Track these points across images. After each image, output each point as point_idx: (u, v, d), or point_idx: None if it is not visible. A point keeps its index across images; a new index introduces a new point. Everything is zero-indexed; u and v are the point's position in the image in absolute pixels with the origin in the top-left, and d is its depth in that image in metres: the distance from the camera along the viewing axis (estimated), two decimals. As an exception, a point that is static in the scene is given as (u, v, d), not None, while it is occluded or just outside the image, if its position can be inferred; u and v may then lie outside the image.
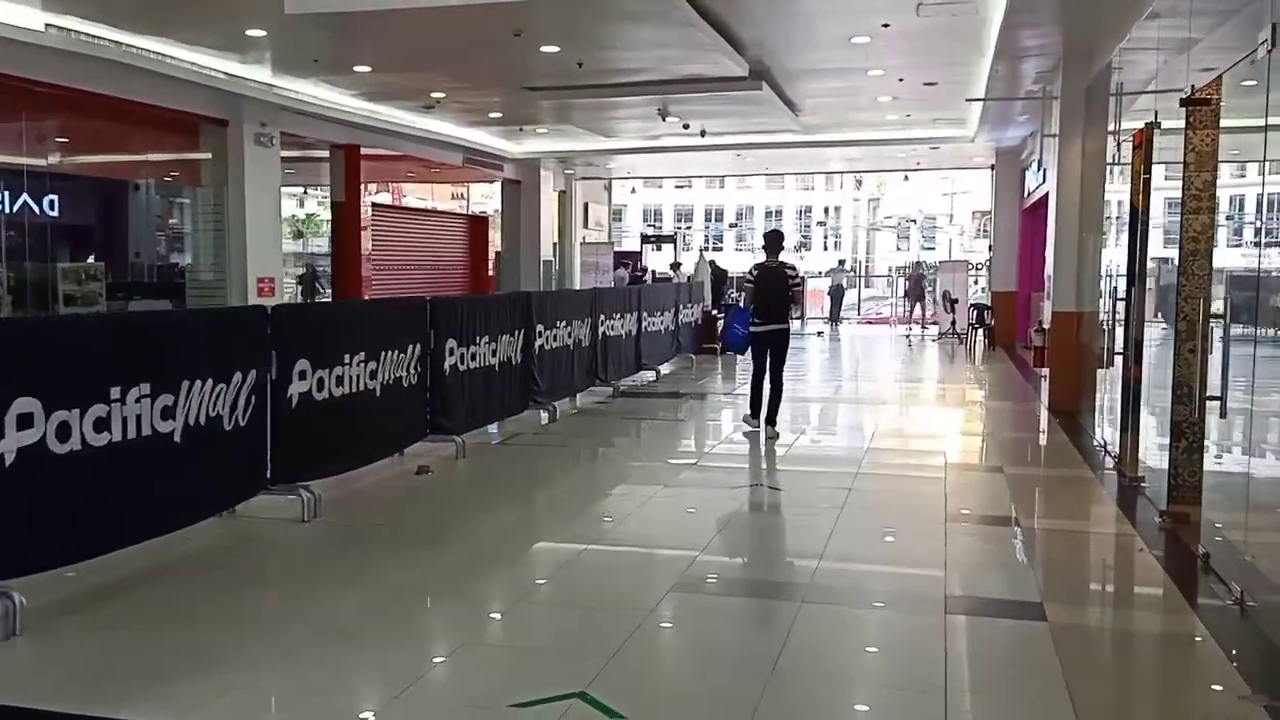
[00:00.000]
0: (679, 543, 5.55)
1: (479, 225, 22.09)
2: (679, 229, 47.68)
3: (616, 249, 24.95)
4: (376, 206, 17.97)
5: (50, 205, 11.28)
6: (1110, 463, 7.72)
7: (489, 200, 21.74)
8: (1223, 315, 5.32)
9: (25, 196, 10.96)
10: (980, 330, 18.95)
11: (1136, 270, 7.19)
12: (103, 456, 4.66)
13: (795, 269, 9.16)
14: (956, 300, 20.26)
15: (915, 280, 20.51)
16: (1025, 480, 7.47)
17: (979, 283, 23.01)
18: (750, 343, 9.00)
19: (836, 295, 24.79)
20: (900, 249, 59.40)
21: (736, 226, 60.75)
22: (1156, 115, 6.71)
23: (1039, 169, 15.50)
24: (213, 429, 5.40)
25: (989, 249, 20.35)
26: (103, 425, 4.66)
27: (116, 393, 4.75)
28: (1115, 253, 10.40)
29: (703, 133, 15.72)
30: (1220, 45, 5.93)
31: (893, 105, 14.46)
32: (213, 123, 12.12)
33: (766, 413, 8.90)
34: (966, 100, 11.56)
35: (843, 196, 64.54)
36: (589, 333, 11.10)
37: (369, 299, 14.14)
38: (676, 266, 22.35)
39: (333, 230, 15.58)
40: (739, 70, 11.39)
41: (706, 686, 3.74)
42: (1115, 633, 4.50)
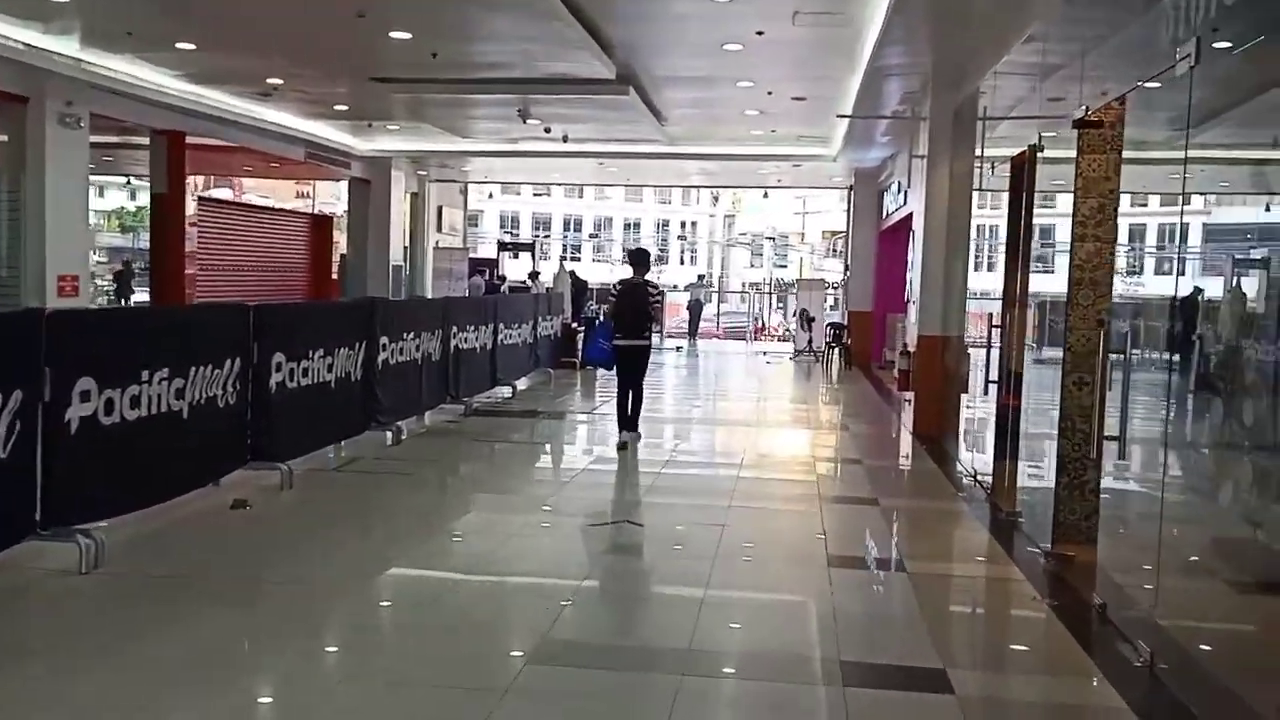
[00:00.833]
0: (535, 601, 4.85)
1: (322, 226, 20.74)
2: (537, 237, 46.85)
3: (472, 256, 23.99)
4: (204, 200, 16.50)
5: None
6: (983, 494, 7.45)
7: (340, 200, 20.44)
8: (1121, 350, 5.00)
9: None
10: (837, 349, 18.96)
11: (1017, 295, 6.94)
12: None
13: (657, 286, 9.36)
14: (814, 319, 20.26)
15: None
16: (902, 515, 7.10)
17: (827, 301, 23.21)
18: (614, 358, 9.09)
19: (695, 310, 24.55)
20: (754, 266, 60.33)
21: (597, 237, 60.37)
22: (1040, 138, 6.45)
23: (899, 191, 15.55)
24: (-42, 464, 4.36)
25: (845, 269, 20.47)
26: None
27: None
28: (986, 277, 10.34)
29: (565, 138, 15.07)
30: (1095, 74, 5.70)
31: (759, 119, 14.18)
32: (9, 99, 10.66)
33: (624, 420, 9.06)
34: (837, 116, 11.34)
35: (699, 212, 65.11)
36: (440, 345, 10.24)
37: (176, 305, 12.72)
38: (535, 276, 21.61)
39: (152, 226, 14.12)
40: (606, 72, 10.80)
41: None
42: (1028, 706, 4.05)
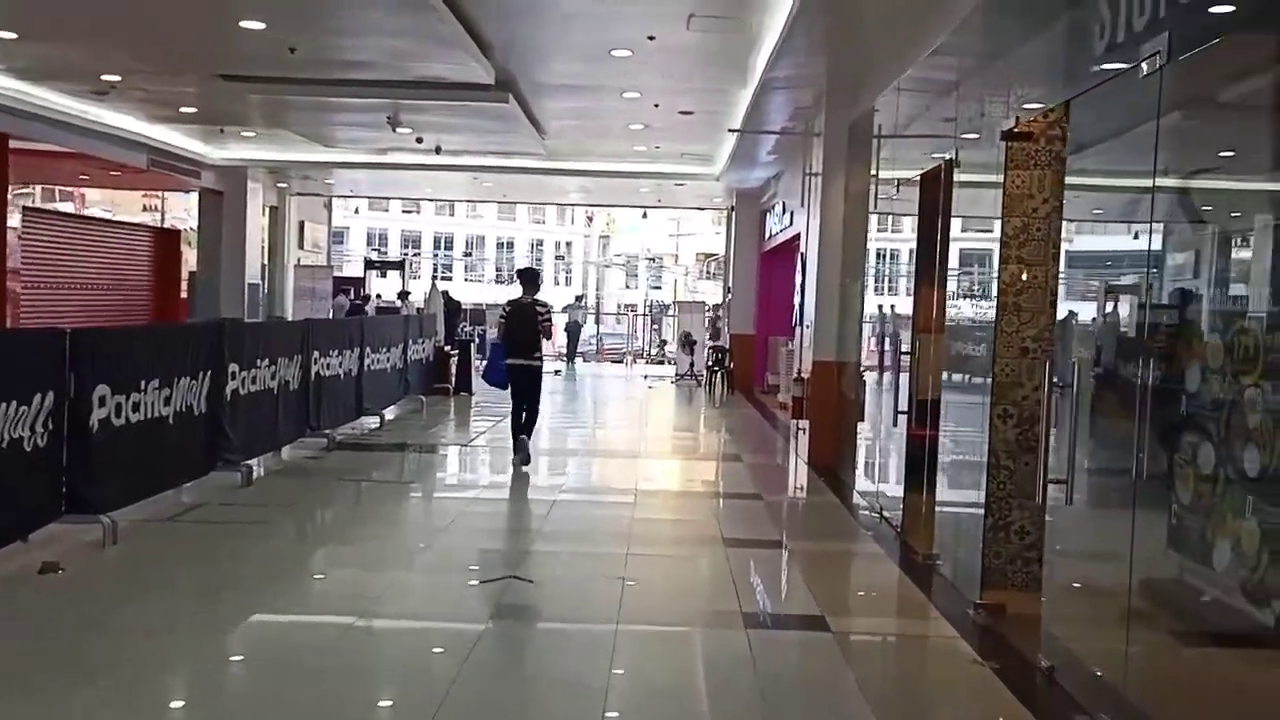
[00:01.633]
0: (406, 693, 4.04)
1: (168, 240, 19.12)
2: (406, 256, 45.31)
3: (337, 274, 22.69)
4: (31, 212, 14.88)
5: None
6: (893, 533, 6.98)
7: (192, 214, 18.93)
8: (1070, 384, 4.56)
9: None
10: (719, 373, 18.55)
11: (932, 320, 6.51)
12: None
13: (547, 306, 9.25)
14: (695, 342, 19.86)
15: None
16: (813, 560, 6.54)
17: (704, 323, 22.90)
18: (506, 378, 9.11)
19: (573, 332, 23.86)
20: (630, 287, 60.14)
21: (470, 256, 59.05)
22: (957, 153, 6.03)
23: (784, 212, 15.27)
24: None
25: (727, 291, 20.16)
26: None
27: None
28: (886, 300, 9.99)
29: (438, 149, 14.19)
30: (1025, 82, 5.31)
31: (644, 134, 13.64)
32: None
33: (519, 442, 9.03)
34: (729, 130, 10.89)
35: (574, 232, 64.56)
36: (299, 373, 9.24)
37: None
38: (405, 296, 20.52)
39: (-34, 238, 12.55)
40: (484, 76, 10.03)
41: None
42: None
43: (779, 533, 7.23)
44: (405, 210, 55.10)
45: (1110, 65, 4.27)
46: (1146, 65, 3.77)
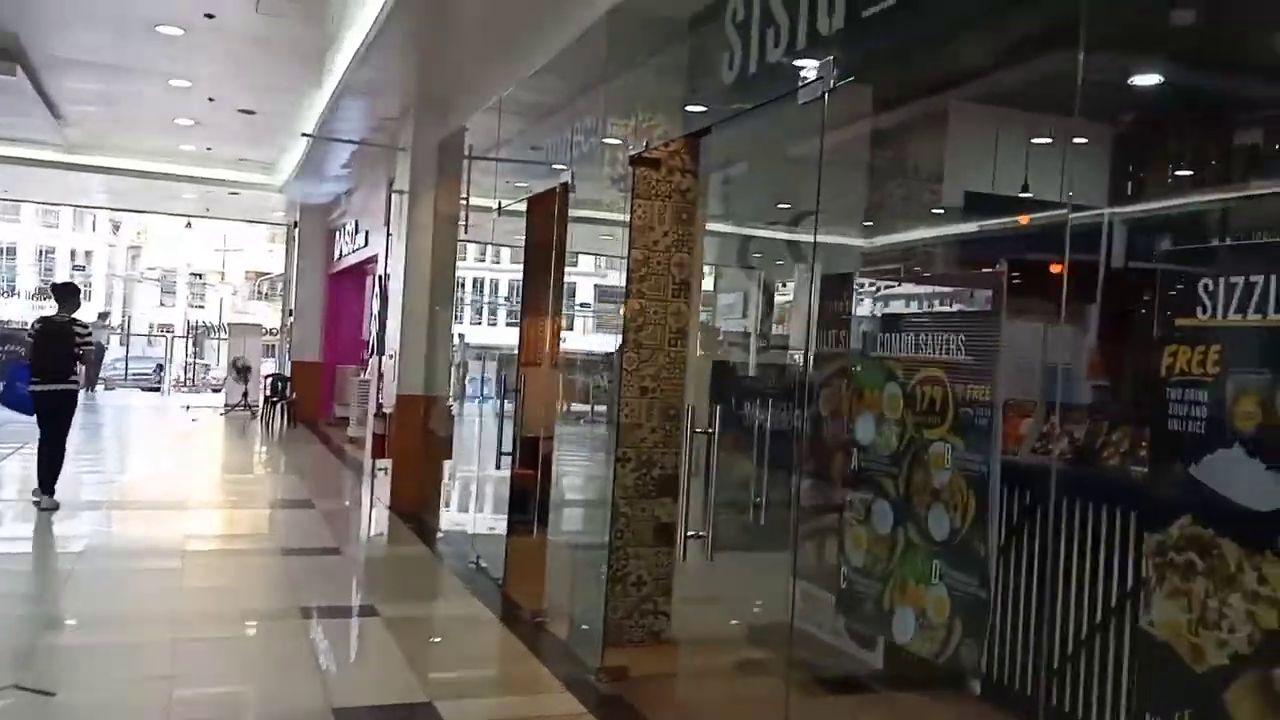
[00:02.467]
0: None
1: None
2: None
3: None
4: None
5: None
6: (494, 586, 6.37)
7: None
8: (709, 429, 4.26)
9: None
10: (279, 405, 16.84)
11: (547, 355, 6.03)
12: None
13: (86, 326, 8.47)
14: (249, 368, 17.92)
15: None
16: (411, 629, 5.67)
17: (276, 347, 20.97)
18: (34, 404, 8.06)
19: (97, 355, 20.51)
20: (167, 305, 54.20)
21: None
22: (573, 178, 5.63)
23: (357, 231, 14.22)
24: None
25: (289, 314, 18.46)
26: None
27: None
28: (476, 331, 9.40)
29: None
30: (648, 106, 5.05)
31: (194, 132, 11.89)
32: None
33: (44, 480, 7.95)
34: (302, 134, 9.70)
35: (96, 240, 56.80)
36: None
37: None
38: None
39: None
40: (-19, 37, 7.97)
41: None
42: None
43: (366, 594, 6.30)
44: None
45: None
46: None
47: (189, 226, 28.29)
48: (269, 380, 17.31)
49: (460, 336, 9.29)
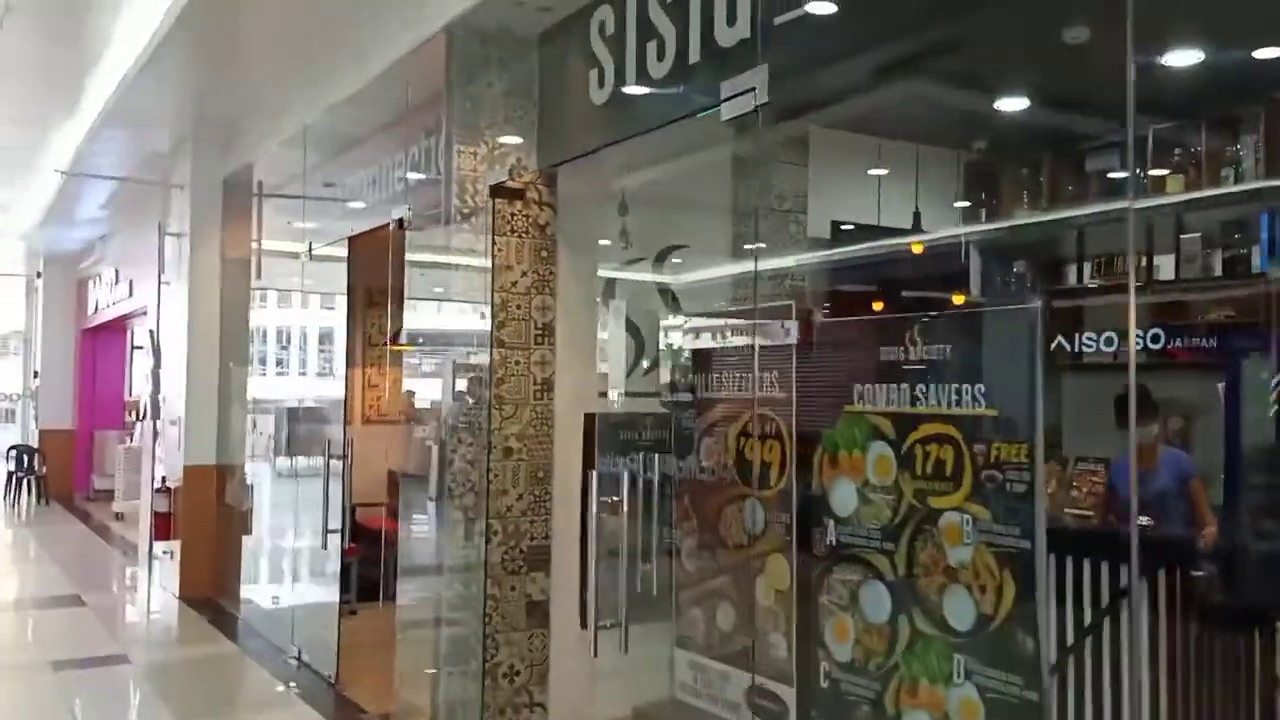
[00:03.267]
0: None
1: None
2: None
3: None
4: None
5: None
6: (325, 684, 5.52)
7: None
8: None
9: None
10: (25, 480, 14.71)
11: (383, 411, 5.28)
12: None
13: None
14: (-13, 440, 15.63)
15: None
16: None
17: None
18: None
19: None
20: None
21: None
22: (410, 211, 4.96)
23: (118, 280, 12.66)
24: None
25: (34, 376, 16.26)
26: None
27: None
28: (271, 386, 8.42)
29: None
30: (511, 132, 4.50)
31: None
32: None
33: None
34: (56, 171, 8.37)
35: None
36: None
37: None
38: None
39: None
40: None
41: None
42: None
43: (166, 713, 5.26)
44: None
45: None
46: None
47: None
48: (12, 452, 15.12)
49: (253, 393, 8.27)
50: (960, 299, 4.26)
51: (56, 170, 8.25)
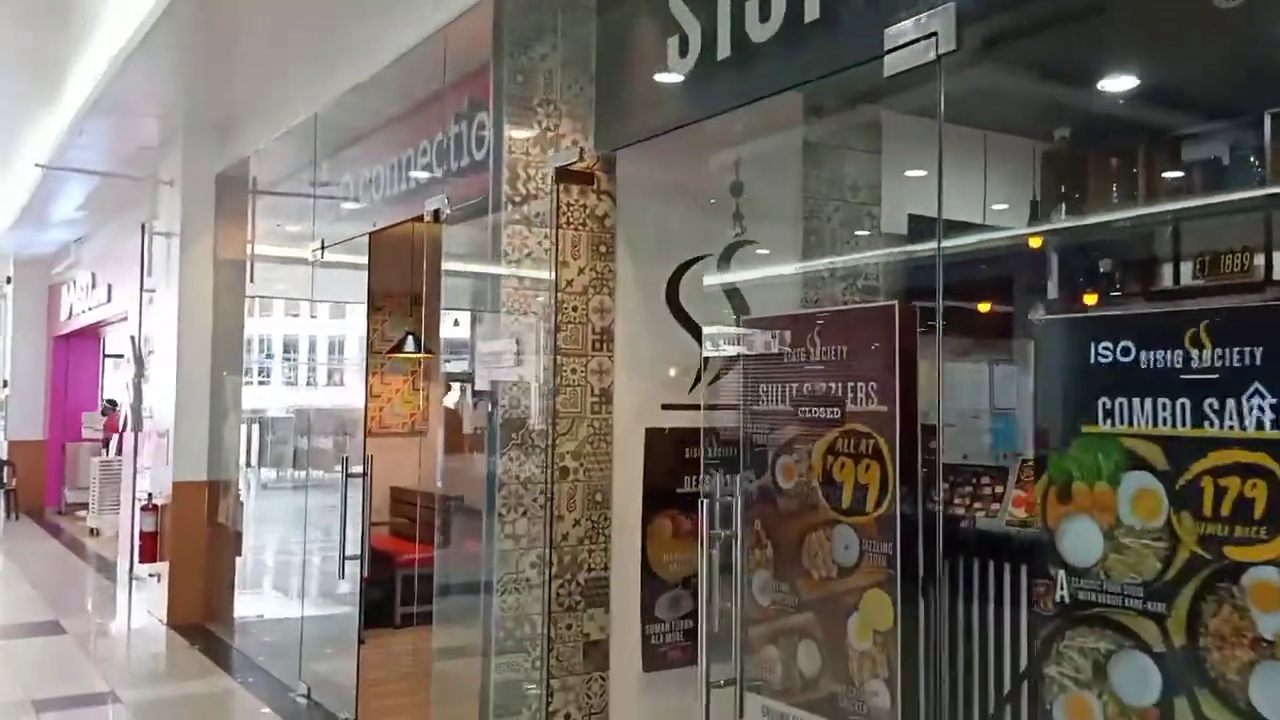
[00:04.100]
0: None
1: None
2: None
3: None
4: None
5: None
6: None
7: None
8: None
9: None
10: (-7, 494, 13.98)
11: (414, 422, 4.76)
12: None
13: None
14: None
15: None
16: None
17: None
18: None
19: None
20: None
21: None
22: (448, 203, 4.45)
23: (94, 285, 12.02)
24: None
25: (3, 385, 15.50)
26: None
27: None
28: (269, 394, 7.84)
29: None
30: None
31: (-125, 166, 9.49)
32: None
33: None
34: (36, 165, 7.76)
35: None
36: None
37: None
38: None
39: None
40: None
41: None
42: None
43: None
44: None
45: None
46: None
47: None
48: (-21, 465, 14.36)
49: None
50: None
51: (37, 164, 7.64)
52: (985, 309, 4.63)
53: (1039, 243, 4.37)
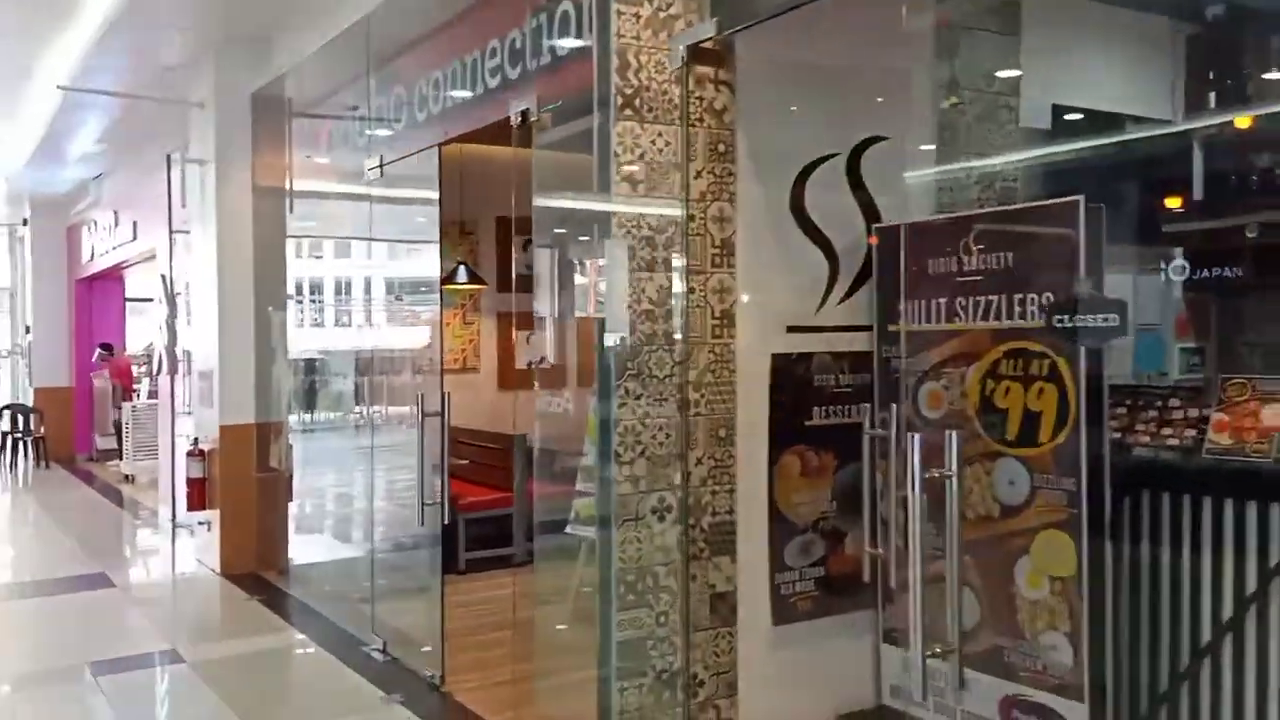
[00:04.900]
0: None
1: None
2: None
3: None
4: None
5: None
6: (425, 684, 4.60)
7: None
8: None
9: None
10: (22, 442, 13.68)
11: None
12: None
13: None
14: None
15: None
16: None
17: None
18: None
19: None
20: None
21: None
22: (539, 104, 3.92)
23: (117, 224, 11.54)
24: None
25: (26, 332, 15.13)
26: None
27: None
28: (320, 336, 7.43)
29: None
30: None
31: (-116, 99, 8.94)
32: None
33: None
34: (58, 87, 7.22)
35: None
36: None
37: None
38: None
39: None
40: None
41: None
42: None
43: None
44: None
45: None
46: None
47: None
48: (7, 413, 14.05)
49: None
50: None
51: (59, 86, 7.10)
52: (1173, 204, 4.10)
53: (1247, 122, 3.82)
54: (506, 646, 4.92)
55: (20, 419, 13.90)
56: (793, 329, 3.74)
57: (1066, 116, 4.22)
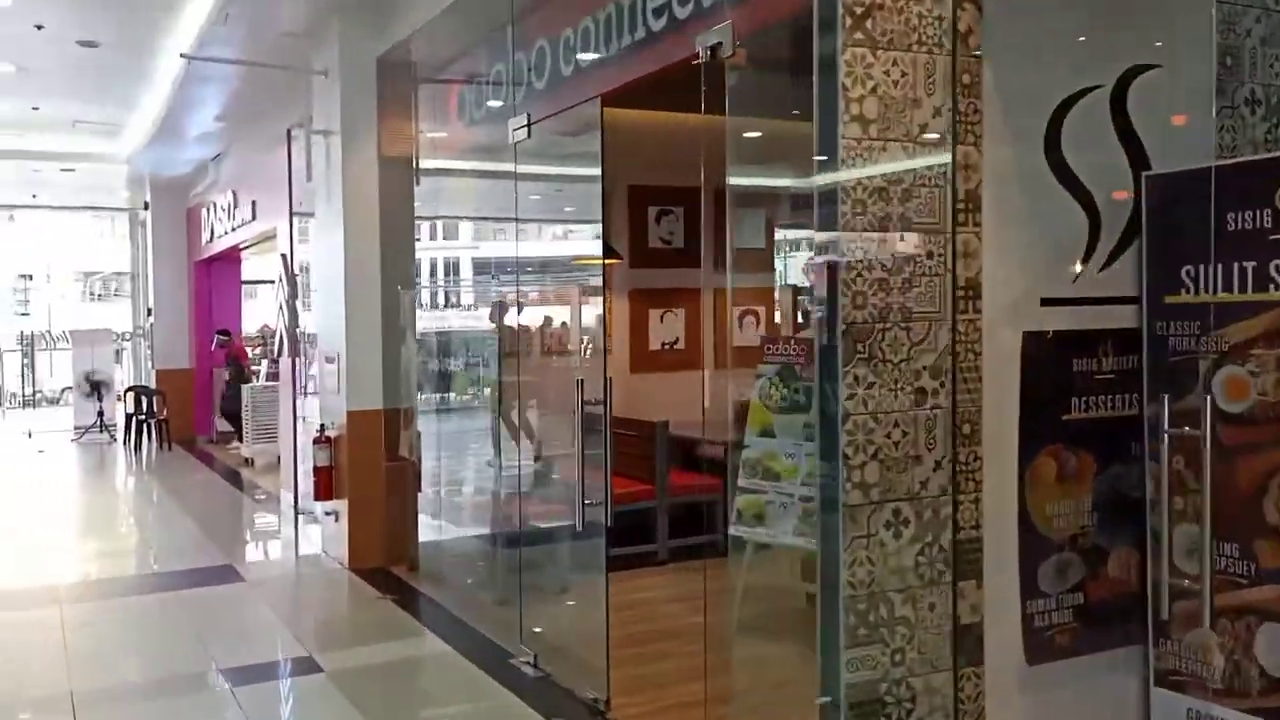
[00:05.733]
0: None
1: None
2: None
3: None
4: None
5: None
6: (586, 711, 4.09)
7: None
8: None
9: None
10: (145, 424, 13.73)
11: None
12: None
13: None
14: (104, 383, 14.72)
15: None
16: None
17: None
18: None
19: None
20: (-14, 314, 48.13)
21: None
22: (733, 32, 3.31)
23: (236, 204, 11.37)
24: None
25: (148, 314, 15.26)
26: None
27: None
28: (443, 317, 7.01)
29: None
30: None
31: (14, 83, 8.82)
32: None
33: None
34: (181, 56, 6.92)
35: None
36: None
37: None
38: None
39: None
40: None
41: None
42: None
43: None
44: None
45: None
46: None
47: (12, 219, 24.23)
48: (131, 395, 14.15)
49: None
50: None
51: (182, 55, 6.78)
52: None
53: None
54: (672, 660, 4.39)
55: (144, 401, 13.98)
56: (1048, 301, 3.07)
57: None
